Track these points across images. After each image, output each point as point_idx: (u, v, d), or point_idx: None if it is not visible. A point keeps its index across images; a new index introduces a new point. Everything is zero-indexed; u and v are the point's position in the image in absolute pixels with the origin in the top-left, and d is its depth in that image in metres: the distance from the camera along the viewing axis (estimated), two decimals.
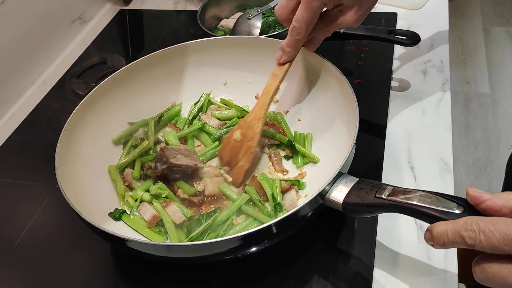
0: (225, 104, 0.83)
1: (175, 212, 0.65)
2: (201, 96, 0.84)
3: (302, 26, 0.62)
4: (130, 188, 0.72)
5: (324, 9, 0.62)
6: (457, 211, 0.45)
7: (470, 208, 0.44)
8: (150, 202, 0.68)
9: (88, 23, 1.18)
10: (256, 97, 0.83)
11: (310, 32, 0.64)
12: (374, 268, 0.60)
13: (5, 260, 0.70)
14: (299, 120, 0.79)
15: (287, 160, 0.74)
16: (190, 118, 0.81)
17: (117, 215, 0.66)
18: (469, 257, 0.77)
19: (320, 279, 0.60)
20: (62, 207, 0.74)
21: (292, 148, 0.73)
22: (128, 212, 0.68)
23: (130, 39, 1.14)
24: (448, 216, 0.45)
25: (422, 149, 0.75)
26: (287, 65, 0.68)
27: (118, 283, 0.64)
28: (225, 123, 0.80)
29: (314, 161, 0.71)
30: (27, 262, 0.69)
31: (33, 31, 1.01)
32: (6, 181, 0.82)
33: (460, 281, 0.59)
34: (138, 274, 0.65)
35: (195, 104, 0.83)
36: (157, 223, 0.66)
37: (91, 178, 0.69)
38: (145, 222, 0.66)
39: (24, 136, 0.91)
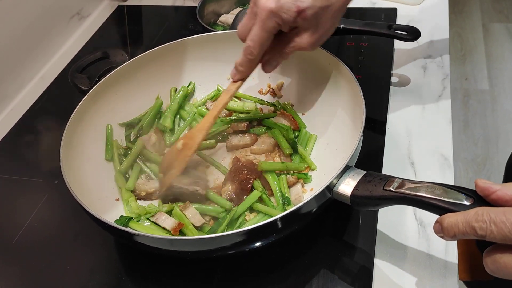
0: (235, 97, 0.82)
1: (194, 214, 0.64)
2: (189, 85, 0.84)
3: (256, 45, 0.60)
4: (145, 198, 0.70)
5: (279, 30, 0.60)
6: (466, 203, 0.45)
7: (479, 199, 0.44)
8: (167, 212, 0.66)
9: (86, 18, 1.18)
10: (259, 92, 0.83)
11: (267, 54, 0.63)
12: (377, 260, 0.61)
13: (4, 256, 0.70)
14: (303, 114, 0.79)
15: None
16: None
17: (124, 222, 0.64)
18: (469, 254, 0.77)
19: (327, 272, 0.60)
20: (62, 203, 0.75)
21: (293, 149, 0.73)
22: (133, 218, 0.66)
23: (129, 35, 1.14)
24: (457, 208, 0.45)
25: (422, 144, 0.75)
26: (239, 82, 0.67)
27: (123, 278, 0.64)
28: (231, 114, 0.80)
29: (311, 168, 0.71)
30: (26, 259, 0.68)
31: (31, 26, 1.00)
32: (5, 177, 0.82)
33: (460, 278, 0.59)
34: (144, 268, 0.64)
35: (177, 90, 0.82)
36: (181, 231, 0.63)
37: (94, 173, 0.69)
38: (157, 227, 0.64)
39: (23, 132, 0.91)
